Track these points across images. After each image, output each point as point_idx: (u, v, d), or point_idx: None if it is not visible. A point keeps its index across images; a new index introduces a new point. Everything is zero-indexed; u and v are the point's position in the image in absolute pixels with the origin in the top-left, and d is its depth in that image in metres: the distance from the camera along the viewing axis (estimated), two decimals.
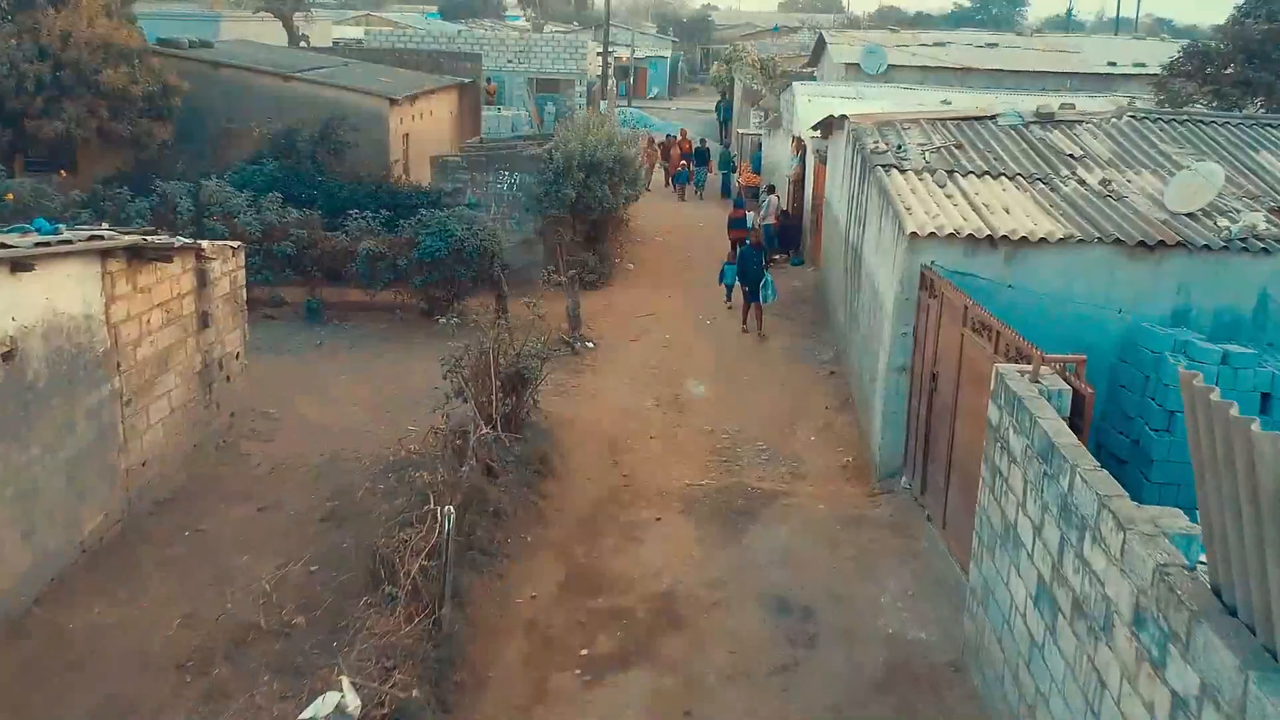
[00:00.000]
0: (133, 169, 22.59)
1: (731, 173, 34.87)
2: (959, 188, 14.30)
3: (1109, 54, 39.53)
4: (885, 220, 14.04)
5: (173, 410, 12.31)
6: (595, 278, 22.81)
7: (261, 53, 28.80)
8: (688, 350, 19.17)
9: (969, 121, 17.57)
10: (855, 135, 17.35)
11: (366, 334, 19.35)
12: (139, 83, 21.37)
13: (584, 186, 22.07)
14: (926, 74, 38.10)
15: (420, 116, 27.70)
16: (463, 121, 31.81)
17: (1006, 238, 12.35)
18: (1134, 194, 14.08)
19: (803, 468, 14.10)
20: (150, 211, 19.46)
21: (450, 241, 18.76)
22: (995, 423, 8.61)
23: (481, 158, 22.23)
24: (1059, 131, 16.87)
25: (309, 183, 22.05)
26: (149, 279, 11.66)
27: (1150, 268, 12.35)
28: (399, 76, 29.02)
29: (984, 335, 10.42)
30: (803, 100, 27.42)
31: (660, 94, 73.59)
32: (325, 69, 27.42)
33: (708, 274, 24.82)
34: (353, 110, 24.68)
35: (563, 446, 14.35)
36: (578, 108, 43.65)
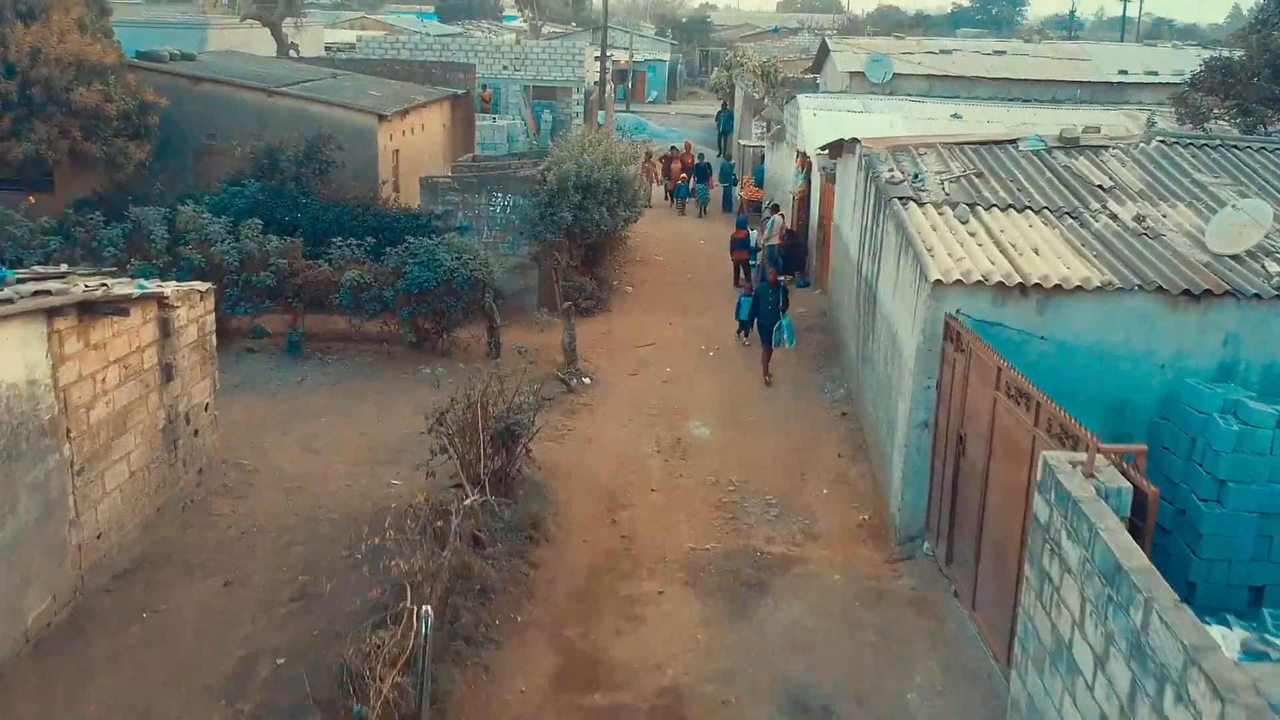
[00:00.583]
0: (109, 189, 21.58)
1: (733, 186, 33.89)
2: (982, 223, 13.31)
3: (1119, 62, 38.55)
4: (904, 260, 13.04)
5: (132, 474, 11.31)
6: (592, 304, 21.81)
7: (247, 65, 27.78)
8: (689, 385, 18.17)
9: (988, 147, 16.57)
10: (867, 161, 16.36)
11: (351, 368, 18.35)
12: (114, 101, 20.35)
13: (580, 209, 21.07)
14: (933, 83, 37.14)
15: (411, 131, 26.68)
16: (456, 133, 30.81)
17: (1039, 285, 11.35)
18: (1171, 231, 13.09)
19: (815, 526, 13.10)
20: (123, 239, 18.46)
21: (439, 272, 17.76)
22: (1044, 521, 7.61)
23: (473, 179, 21.22)
24: (1085, 158, 15.88)
25: (293, 205, 21.03)
26: (104, 334, 10.66)
27: (1195, 318, 11.36)
28: (389, 89, 28.01)
29: (1021, 404, 9.42)
30: (807, 115, 26.42)
31: (659, 98, 72.62)
32: (312, 82, 26.39)
33: (709, 297, 23.87)
34: (340, 127, 23.66)
35: (557, 502, 13.36)
36: (575, 116, 42.67)
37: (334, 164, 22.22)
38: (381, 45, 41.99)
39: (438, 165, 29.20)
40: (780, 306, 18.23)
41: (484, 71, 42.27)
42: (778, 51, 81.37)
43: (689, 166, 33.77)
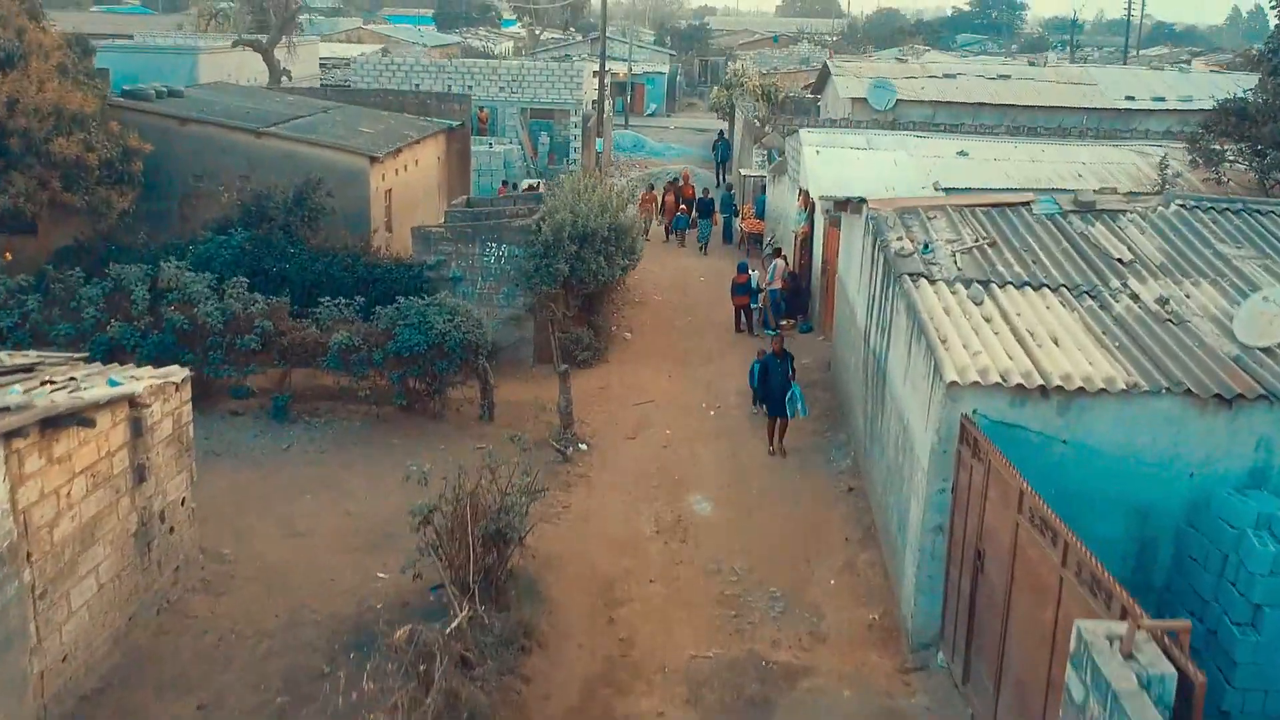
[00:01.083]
0: (92, 236, 20.94)
1: (734, 216, 33.23)
2: (998, 305, 12.70)
3: (1125, 86, 37.97)
4: (916, 348, 12.42)
5: (101, 587, 10.68)
6: (589, 355, 21.20)
7: (236, 101, 27.11)
8: (690, 451, 17.55)
9: (1001, 210, 15.96)
10: (875, 225, 15.74)
11: (339, 431, 17.70)
12: (95, 150, 19.71)
13: (577, 259, 20.45)
14: (937, 108, 36.56)
15: (405, 168, 26.04)
16: (451, 166, 30.16)
17: (1061, 387, 10.73)
18: (1196, 316, 12.47)
19: (823, 625, 12.48)
20: (103, 298, 17.81)
21: (430, 335, 17.13)
22: (1078, 701, 6.99)
23: (467, 229, 20.58)
24: (1101, 225, 15.27)
25: (281, 255, 20.39)
26: (69, 445, 10.03)
27: (1226, 422, 10.74)
28: (382, 125, 27.35)
29: (1048, 538, 8.80)
30: (810, 152, 25.77)
31: (658, 110, 71.95)
32: (303, 119, 25.75)
33: (709, 343, 23.25)
34: (330, 169, 23.02)
35: (551, 598, 12.75)
36: (573, 139, 42.07)
37: (324, 210, 21.58)
38: (376, 68, 41.44)
39: (432, 201, 28.59)
40: (790, 375, 17.36)
41: (481, 94, 41.77)
42: (777, 61, 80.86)
43: (689, 198, 33.10)
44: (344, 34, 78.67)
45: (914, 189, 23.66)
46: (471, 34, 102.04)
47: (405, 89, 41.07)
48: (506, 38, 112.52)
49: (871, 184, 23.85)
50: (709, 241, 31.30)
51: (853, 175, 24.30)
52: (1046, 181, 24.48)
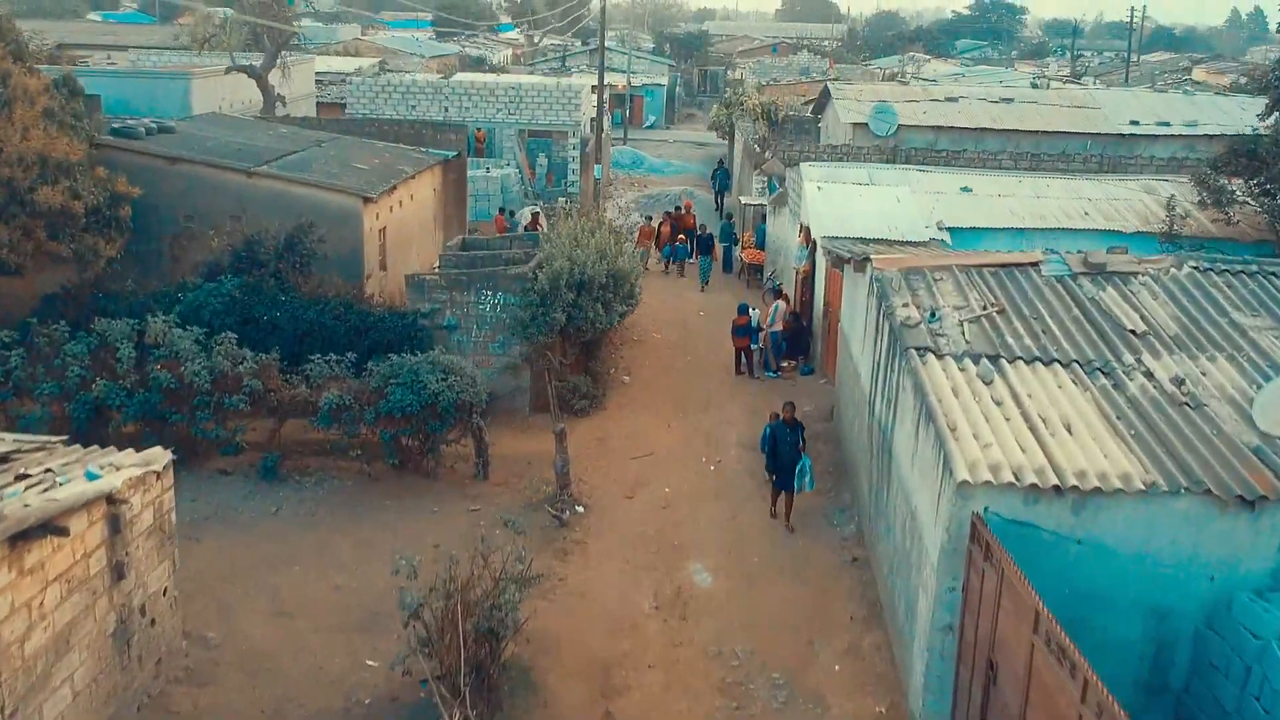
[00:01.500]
0: (79, 283, 20.50)
1: (734, 245, 32.80)
2: (1008, 384, 12.28)
3: (1129, 110, 37.59)
4: (924, 432, 11.99)
5: (76, 695, 10.26)
6: (587, 404, 20.78)
7: (228, 133, 26.66)
8: (690, 513, 17.12)
9: (1009, 270, 15.55)
10: (879, 287, 15.32)
11: (329, 492, 17.24)
12: (81, 197, 19.26)
13: (574, 306, 20.03)
14: (939, 134, 36.23)
15: (400, 204, 25.60)
16: (447, 196, 29.74)
17: (1076, 486, 10.31)
18: (1213, 398, 12.05)
19: (827, 718, 12.05)
20: (88, 354, 17.38)
21: (423, 395, 16.70)
22: None
23: (461, 276, 20.15)
24: (1112, 289, 14.85)
25: (271, 303, 19.95)
26: (41, 554, 9.61)
27: (1248, 523, 10.32)
28: (377, 159, 26.91)
29: (1065, 667, 8.37)
30: (811, 188, 25.35)
31: (657, 122, 71.57)
32: (296, 154, 25.30)
33: (709, 388, 22.82)
34: (323, 209, 22.60)
35: (546, 688, 12.33)
36: (572, 160, 41.65)
37: (316, 255, 21.16)
38: (371, 89, 41.03)
39: (428, 235, 28.20)
40: (800, 445, 16.48)
41: (478, 115, 41.36)
42: (777, 72, 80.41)
43: (689, 228, 32.63)
44: (341, 45, 78.18)
45: (917, 228, 23.31)
46: (469, 42, 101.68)
47: (401, 114, 40.78)
48: (505, 44, 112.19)
49: (873, 223, 23.50)
50: (710, 276, 30.56)
51: (854, 213, 23.91)
52: (1052, 219, 24.14)
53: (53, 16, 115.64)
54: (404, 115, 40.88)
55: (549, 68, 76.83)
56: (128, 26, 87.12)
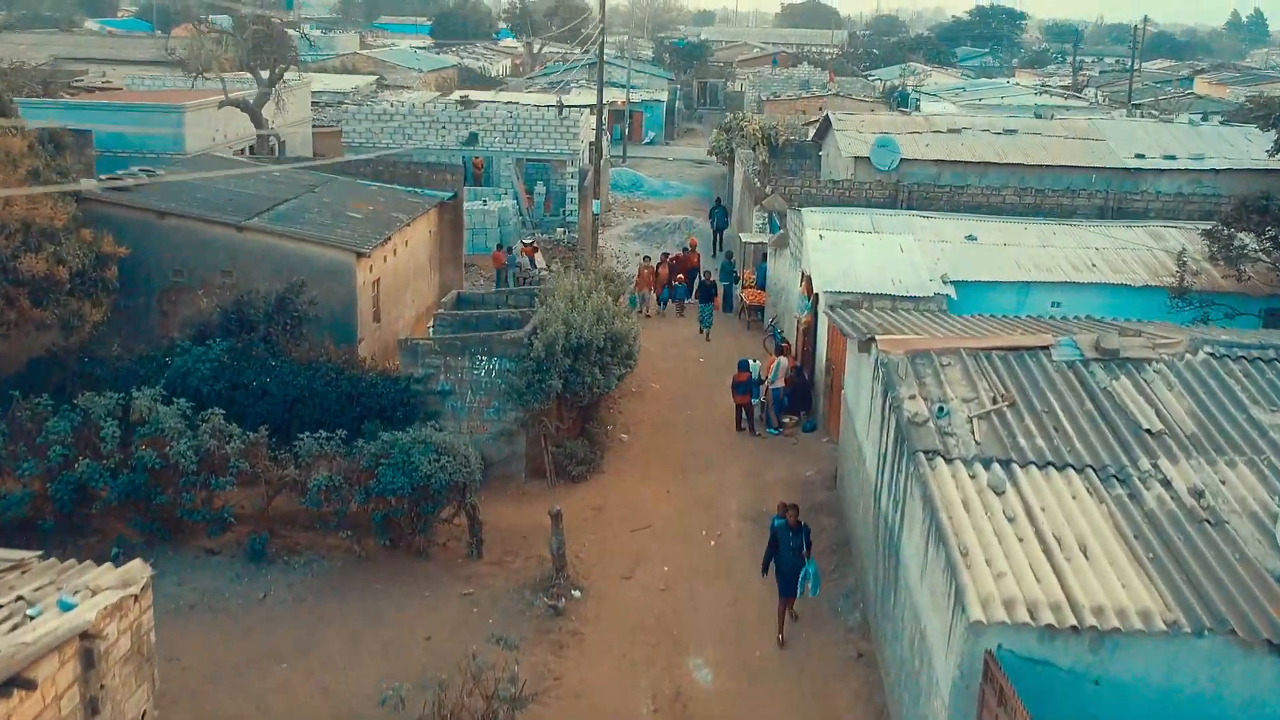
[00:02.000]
0: (64, 346, 20.04)
1: (734, 284, 32.31)
2: (1020, 496, 11.82)
3: (1134, 141, 37.09)
4: (933, 551, 11.52)
5: None
6: (584, 469, 20.31)
7: (219, 184, 26.09)
8: (689, 594, 16.66)
9: (1019, 355, 15.08)
10: (886, 374, 14.85)
11: (318, 574, 16.77)
12: (66, 262, 18.80)
13: (571, 372, 19.57)
14: (941, 168, 35.73)
15: (395, 252, 25.14)
16: (443, 238, 29.26)
17: (1094, 626, 9.85)
18: (1235, 514, 11.58)
19: None
20: (71, 433, 16.91)
21: (415, 477, 16.23)
22: None
23: (455, 342, 19.69)
24: (1126, 377, 14.38)
25: (261, 368, 19.51)
26: (7, 707, 9.13)
27: (1273, 665, 9.85)
28: (371, 202, 26.43)
29: None
30: (812, 236, 24.92)
31: (656, 138, 71.12)
32: (289, 202, 24.82)
33: (710, 448, 22.36)
34: (315, 265, 22.18)
35: None
36: (570, 188, 41.21)
37: (307, 316, 20.70)
38: (368, 119, 40.56)
39: (423, 278, 27.76)
40: (804, 550, 15.49)
41: (477, 144, 40.94)
42: (776, 85, 79.91)
43: (694, 266, 31.98)
44: (339, 59, 77.70)
45: (921, 281, 22.90)
46: (468, 52, 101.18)
47: (398, 143, 40.35)
48: (504, 54, 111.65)
49: (877, 276, 23.07)
50: (711, 327, 29.63)
51: (857, 264, 23.49)
52: (1059, 271, 23.70)
53: (50, 25, 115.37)
54: (400, 144, 40.56)
55: (548, 82, 76.38)
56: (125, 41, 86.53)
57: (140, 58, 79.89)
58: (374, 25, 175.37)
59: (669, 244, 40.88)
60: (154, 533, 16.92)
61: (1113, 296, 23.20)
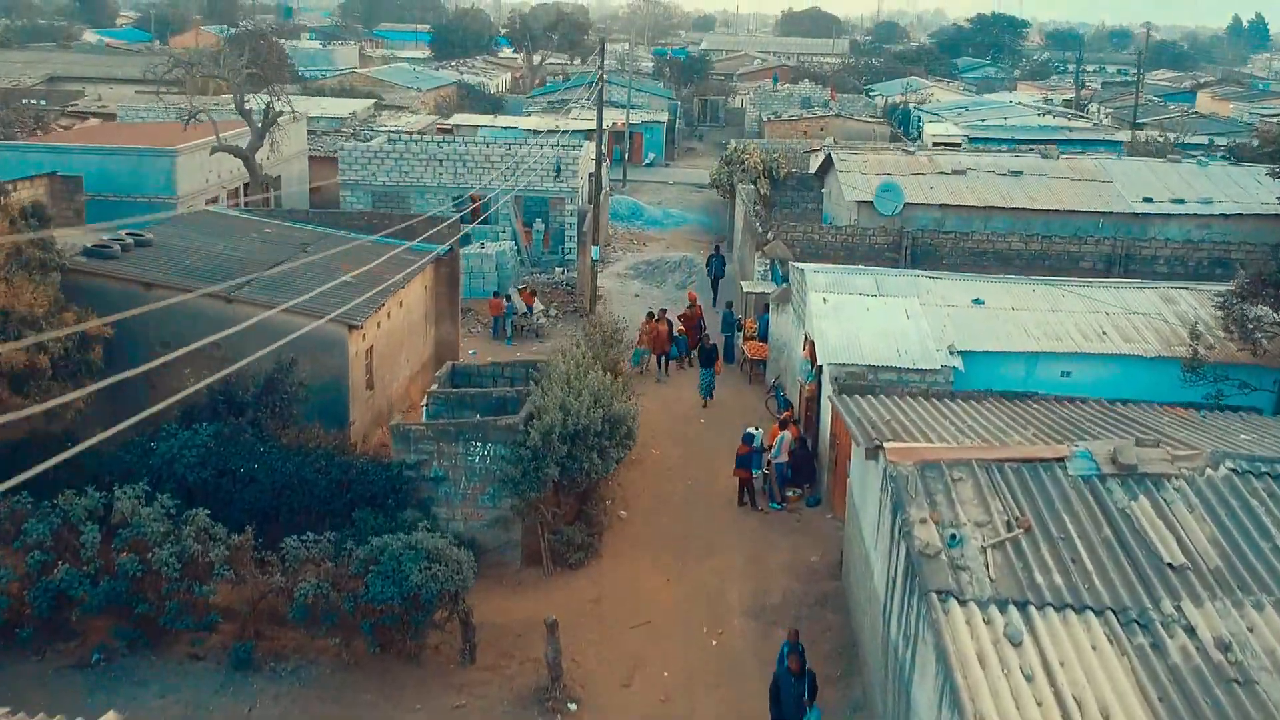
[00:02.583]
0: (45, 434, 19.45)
1: (735, 333, 31.71)
2: (1038, 649, 11.27)
3: (1142, 183, 36.57)
4: (947, 713, 10.95)
5: None
6: (582, 555, 19.74)
7: (212, 239, 25.50)
8: (690, 707, 16.09)
9: (1033, 468, 14.51)
10: (894, 490, 14.28)
11: (306, 683, 16.19)
12: (48, 349, 18.26)
13: (569, 458, 19.01)
14: (946, 212, 35.25)
15: (389, 315, 24.57)
16: (439, 292, 28.68)
17: None
18: (1264, 671, 11.01)
19: None
20: (50, 536, 16.36)
21: (405, 586, 15.67)
22: None
23: (449, 428, 19.13)
24: (1145, 498, 13.82)
25: (249, 453, 18.97)
26: None
27: None
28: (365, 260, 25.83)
29: None
30: (816, 300, 24.35)
31: (657, 160, 70.49)
32: (281, 265, 24.23)
33: (712, 528, 21.76)
34: (306, 337, 21.47)
35: None
36: (568, 225, 40.67)
37: (298, 399, 20.16)
38: (364, 156, 40.01)
39: (418, 337, 27.20)
40: (807, 699, 14.79)
41: (474, 181, 40.42)
42: (777, 104, 79.41)
43: (699, 318, 31.07)
44: (338, 79, 77.18)
45: (928, 351, 22.36)
46: (467, 67, 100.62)
47: (395, 181, 39.83)
48: (504, 68, 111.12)
49: (882, 346, 22.53)
50: (713, 392, 28.37)
51: (862, 333, 22.96)
52: (1069, 340, 23.11)
53: (48, 38, 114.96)
54: (397, 182, 40.07)
55: (548, 102, 75.82)
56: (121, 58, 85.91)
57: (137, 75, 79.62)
58: (374, 33, 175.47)
59: (669, 283, 40.45)
60: (136, 639, 16.35)
61: (1124, 367, 22.64)
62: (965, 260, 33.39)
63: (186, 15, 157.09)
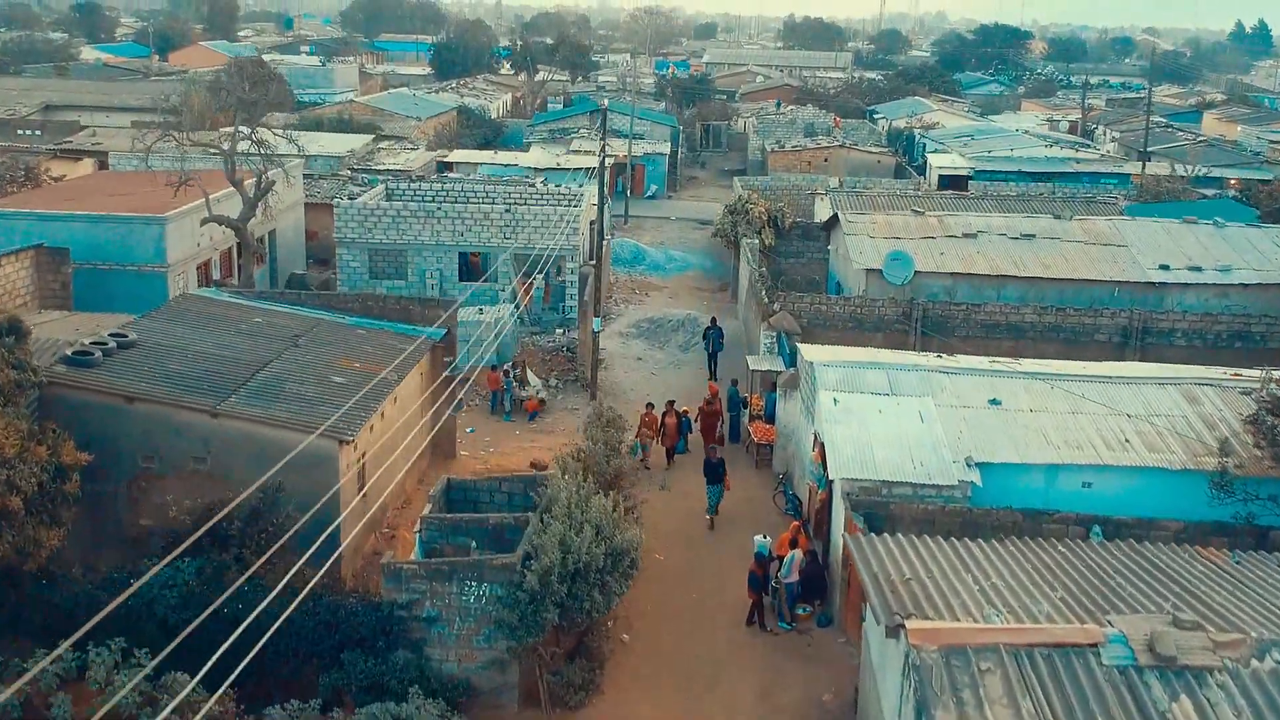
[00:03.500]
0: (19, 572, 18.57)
1: (741, 410, 30.75)
2: None
3: (1158, 247, 35.65)
4: None
5: None
6: (582, 695, 18.81)
7: (199, 333, 24.56)
8: None
9: (1065, 655, 13.59)
10: (918, 679, 13.36)
11: None
12: (20, 488, 17.35)
13: (570, 596, 18.08)
14: (957, 280, 34.36)
15: (382, 415, 23.63)
16: (435, 377, 27.76)
17: None
18: None
19: None
20: (21, 709, 15.45)
21: None
22: None
23: (443, 567, 18.21)
24: (1186, 697, 12.89)
25: (234, 594, 18.00)
26: None
27: None
28: (358, 355, 24.97)
29: None
30: (827, 401, 23.46)
31: (659, 192, 69.57)
32: (271, 364, 23.34)
33: (719, 650, 20.84)
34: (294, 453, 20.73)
35: None
36: (569, 284, 39.78)
37: (285, 529, 19.21)
38: (360, 214, 39.13)
39: (413, 427, 26.22)
40: None
41: (473, 240, 39.64)
42: (780, 131, 78.47)
43: (717, 417, 28.96)
44: (337, 108, 76.17)
45: (944, 464, 21.54)
46: (468, 89, 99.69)
47: (391, 239, 38.95)
48: (505, 87, 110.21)
49: (896, 457, 21.67)
50: (718, 508, 25.75)
51: (875, 441, 22.13)
52: (1090, 450, 22.19)
53: (45, 58, 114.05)
54: (394, 240, 39.20)
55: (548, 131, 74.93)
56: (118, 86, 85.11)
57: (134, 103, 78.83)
58: (376, 45, 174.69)
59: (671, 344, 39.53)
60: None
61: (1148, 479, 21.74)
62: (977, 332, 32.54)
63: (186, 29, 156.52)
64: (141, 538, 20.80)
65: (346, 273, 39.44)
